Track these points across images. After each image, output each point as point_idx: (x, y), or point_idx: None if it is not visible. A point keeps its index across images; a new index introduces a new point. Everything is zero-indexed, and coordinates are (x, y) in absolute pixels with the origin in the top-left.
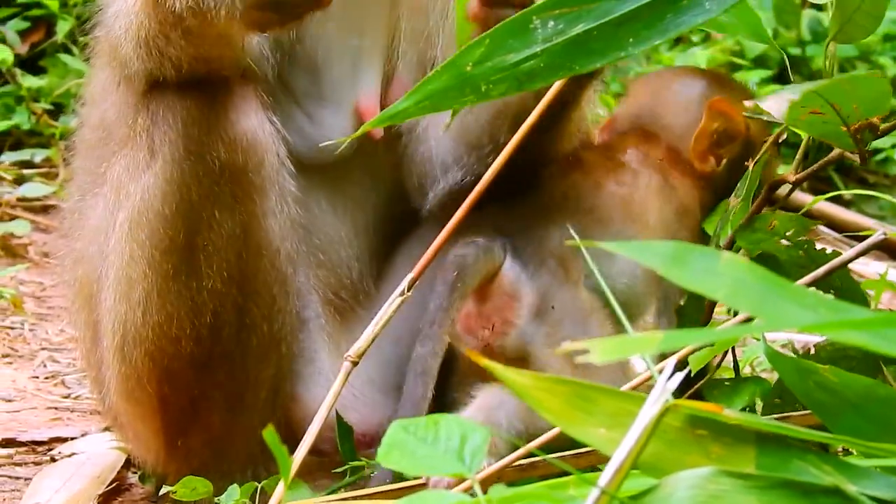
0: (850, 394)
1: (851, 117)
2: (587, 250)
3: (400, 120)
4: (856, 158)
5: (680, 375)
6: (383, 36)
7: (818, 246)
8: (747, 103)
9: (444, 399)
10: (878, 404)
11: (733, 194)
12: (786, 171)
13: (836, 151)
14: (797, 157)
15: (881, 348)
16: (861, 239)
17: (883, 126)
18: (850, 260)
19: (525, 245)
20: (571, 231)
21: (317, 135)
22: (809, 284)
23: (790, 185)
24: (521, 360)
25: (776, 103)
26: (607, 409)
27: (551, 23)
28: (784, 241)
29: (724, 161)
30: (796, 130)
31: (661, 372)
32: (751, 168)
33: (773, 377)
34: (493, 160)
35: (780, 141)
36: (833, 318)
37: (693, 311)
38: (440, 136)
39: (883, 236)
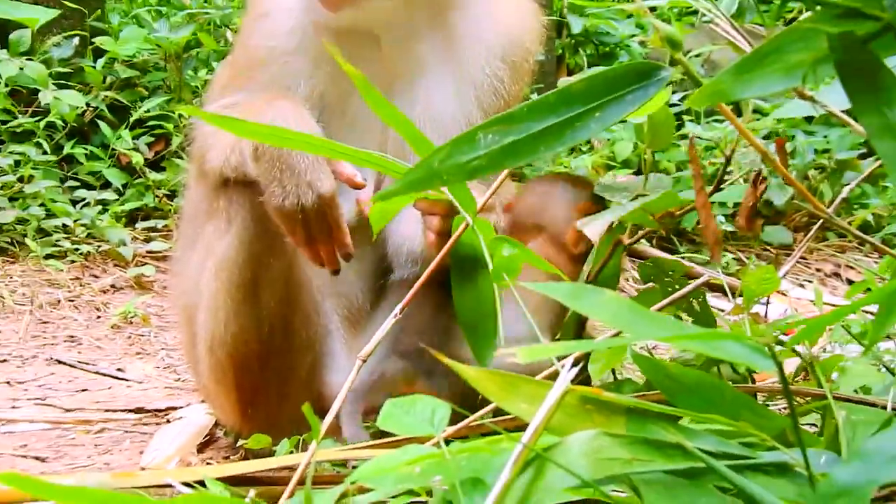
0: (687, 381)
1: (656, 212)
2: None
3: (389, 198)
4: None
5: (574, 370)
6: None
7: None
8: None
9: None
10: (705, 388)
11: (589, 257)
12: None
13: (648, 229)
14: (627, 231)
15: (707, 351)
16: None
17: (677, 214)
18: (686, 294)
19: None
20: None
21: None
22: (664, 307)
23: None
24: None
25: (598, 227)
26: (527, 391)
27: (490, 136)
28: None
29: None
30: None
31: (563, 367)
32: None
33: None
34: None
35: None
36: (676, 332)
37: (569, 329)
38: (405, 235)
39: (707, 279)
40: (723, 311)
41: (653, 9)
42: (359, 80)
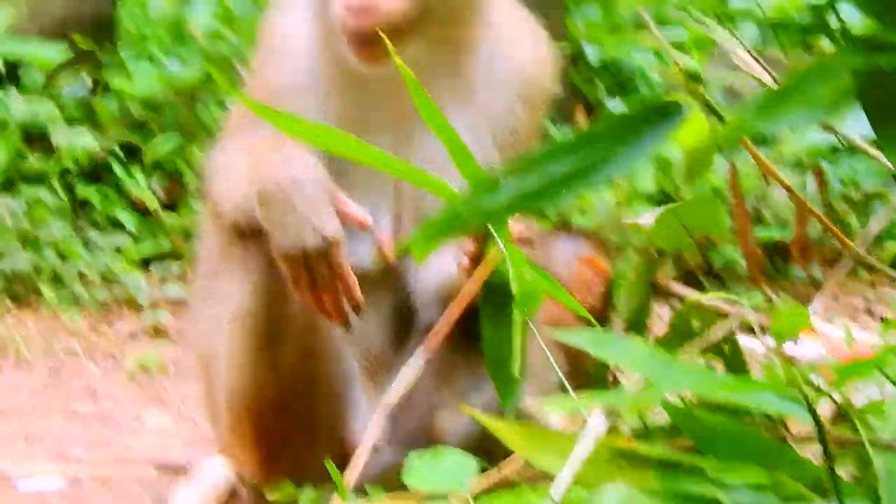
0: (718, 428)
1: (694, 231)
2: None
3: (413, 247)
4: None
5: (604, 420)
6: (393, 196)
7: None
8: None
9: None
10: (737, 435)
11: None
12: None
13: (689, 263)
14: (667, 266)
15: (739, 402)
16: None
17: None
18: (712, 345)
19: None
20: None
21: (351, 258)
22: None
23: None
24: None
25: (646, 219)
26: (555, 443)
27: (511, 180)
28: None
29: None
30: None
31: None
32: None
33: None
34: None
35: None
36: (706, 381)
37: (597, 377)
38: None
39: (738, 320)
40: (751, 349)
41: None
42: (411, 81)
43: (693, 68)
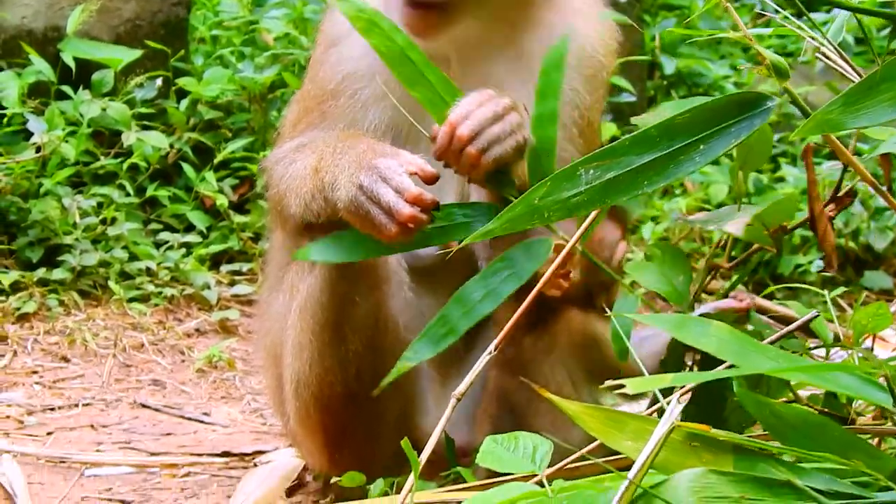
0: (793, 419)
1: (770, 225)
2: None
3: (488, 237)
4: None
5: (680, 406)
6: (459, 184)
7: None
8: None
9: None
10: (812, 427)
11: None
12: None
13: (755, 247)
14: (727, 253)
15: (819, 384)
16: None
17: (789, 228)
18: (794, 329)
19: None
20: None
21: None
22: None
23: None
24: None
25: (736, 225)
26: (632, 428)
27: (591, 172)
28: None
29: (570, 281)
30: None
31: (668, 402)
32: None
33: None
34: None
35: None
36: (786, 364)
37: (672, 362)
38: None
39: (816, 314)
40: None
41: (746, 49)
42: None
43: (781, 62)
